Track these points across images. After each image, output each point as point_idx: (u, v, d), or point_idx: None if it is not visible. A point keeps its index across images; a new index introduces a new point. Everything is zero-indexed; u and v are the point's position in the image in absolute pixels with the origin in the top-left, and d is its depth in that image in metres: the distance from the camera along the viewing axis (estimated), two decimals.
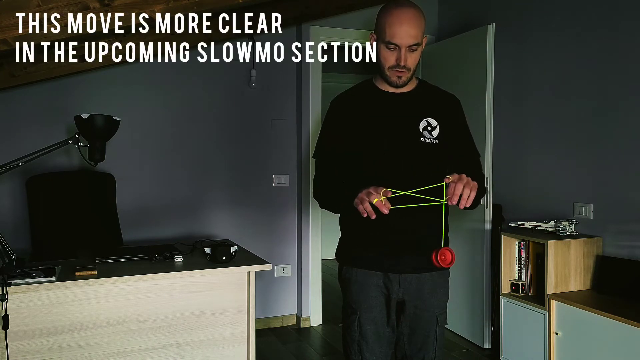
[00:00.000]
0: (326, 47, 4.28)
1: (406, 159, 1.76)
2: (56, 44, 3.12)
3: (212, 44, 3.86)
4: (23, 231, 3.47)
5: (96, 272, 2.28)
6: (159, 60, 3.77)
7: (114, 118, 2.27)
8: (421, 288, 1.80)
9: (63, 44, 3.14)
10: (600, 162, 3.02)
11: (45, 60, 3.20)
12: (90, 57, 3.31)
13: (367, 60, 6.43)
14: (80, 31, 2.10)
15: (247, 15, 3.58)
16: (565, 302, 2.83)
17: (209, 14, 3.39)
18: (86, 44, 3.26)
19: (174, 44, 3.50)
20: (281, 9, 3.69)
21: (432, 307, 1.81)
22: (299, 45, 4.10)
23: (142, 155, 3.78)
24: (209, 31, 3.54)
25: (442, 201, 1.55)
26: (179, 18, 2.87)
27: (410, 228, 1.74)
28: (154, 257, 2.56)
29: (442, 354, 1.88)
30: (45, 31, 2.01)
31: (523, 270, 3.24)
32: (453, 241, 1.98)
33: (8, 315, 2.08)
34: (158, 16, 2.17)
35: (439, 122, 1.78)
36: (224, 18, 3.51)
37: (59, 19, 2.00)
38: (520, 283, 3.21)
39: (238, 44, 3.96)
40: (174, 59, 3.81)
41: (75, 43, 3.19)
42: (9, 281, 2.08)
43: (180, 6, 2.19)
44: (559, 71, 3.28)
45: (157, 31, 3.38)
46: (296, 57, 4.14)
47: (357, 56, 5.78)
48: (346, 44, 4.27)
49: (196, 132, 3.91)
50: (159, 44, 3.44)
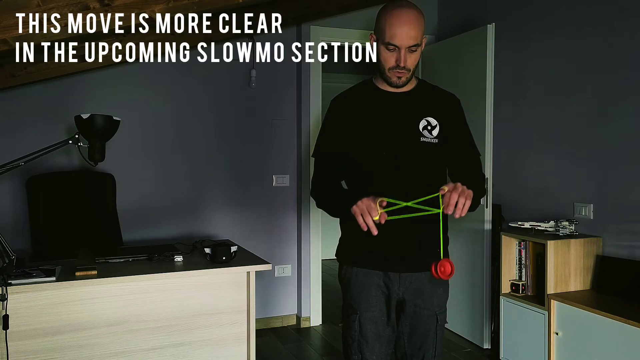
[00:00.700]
0: (326, 47, 4.27)
1: (406, 159, 1.76)
2: (56, 44, 3.12)
3: (212, 44, 3.86)
4: (23, 231, 3.47)
5: (96, 272, 2.28)
6: (159, 60, 3.77)
7: (114, 118, 2.28)
8: (421, 287, 1.80)
9: (63, 44, 3.14)
10: (600, 162, 3.02)
11: (45, 60, 3.20)
12: (90, 57, 3.31)
13: (367, 60, 6.43)
14: (80, 31, 2.10)
15: (247, 15, 3.58)
16: (565, 302, 2.83)
17: (209, 14, 3.39)
18: (86, 44, 3.26)
19: (174, 44, 3.50)
20: (281, 9, 3.69)
21: (432, 306, 1.81)
22: (299, 45, 4.10)
23: (142, 155, 3.78)
24: (209, 31, 3.54)
25: (438, 210, 1.56)
26: (179, 18, 2.87)
27: (410, 227, 1.74)
28: (154, 257, 2.56)
29: (442, 353, 1.88)
30: (45, 31, 2.01)
31: (523, 270, 3.24)
32: (453, 241, 1.98)
33: (8, 315, 2.09)
34: (158, 16, 2.17)
35: (439, 122, 1.79)
36: (224, 18, 3.51)
37: (59, 19, 2.00)
38: (520, 283, 3.21)
39: (238, 44, 3.96)
40: (174, 59, 3.81)
41: (75, 43, 3.19)
42: (9, 281, 2.08)
43: (180, 6, 2.18)
44: (559, 71, 3.28)
45: (157, 31, 3.38)
46: (296, 57, 4.14)
47: (357, 56, 5.79)
48: (346, 44, 4.27)
49: (196, 132, 3.91)
50: (159, 44, 3.45)
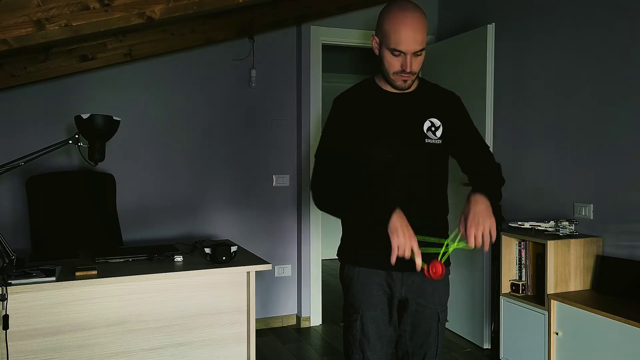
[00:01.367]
0: (326, 47, 4.27)
1: (411, 160, 1.76)
2: (56, 44, 3.12)
3: (212, 44, 3.86)
4: (23, 231, 3.47)
5: (96, 272, 2.28)
6: (159, 60, 3.77)
7: (114, 118, 2.27)
8: (423, 286, 1.81)
9: (63, 44, 3.14)
10: (600, 162, 3.02)
11: (45, 60, 3.21)
12: (90, 57, 3.31)
13: (368, 60, 6.43)
14: (80, 31, 2.10)
15: (247, 15, 3.59)
16: (565, 302, 2.83)
17: (209, 14, 3.39)
18: (86, 44, 3.27)
19: (174, 44, 3.50)
20: (281, 9, 3.69)
21: (434, 305, 1.82)
22: (299, 45, 4.10)
23: (142, 155, 3.78)
24: (209, 31, 3.54)
25: (463, 246, 1.63)
26: (179, 18, 2.87)
27: (413, 226, 1.74)
28: (154, 257, 2.56)
29: (443, 352, 1.89)
30: (45, 31, 2.01)
31: (523, 270, 3.24)
32: None
33: (8, 315, 2.09)
34: (158, 16, 2.17)
35: (442, 122, 1.79)
36: (224, 18, 3.51)
37: (59, 19, 2.00)
38: (520, 283, 3.21)
39: (238, 44, 3.96)
40: (174, 59, 3.81)
41: (75, 43, 3.20)
42: (9, 281, 2.08)
43: (180, 6, 2.19)
44: (559, 71, 3.28)
45: (157, 31, 3.39)
46: (296, 57, 4.14)
47: (357, 56, 5.78)
48: (346, 44, 4.27)
49: (196, 132, 3.91)
50: (159, 44, 3.45)
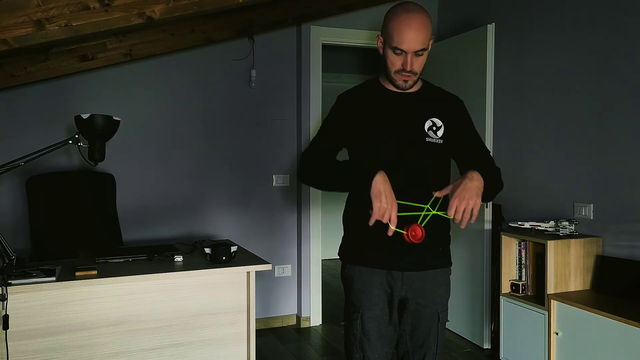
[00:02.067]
0: (326, 47, 4.27)
1: (411, 159, 1.77)
2: (56, 44, 3.12)
3: (212, 44, 3.86)
4: (23, 231, 3.47)
5: (96, 272, 2.28)
6: (159, 60, 3.77)
7: (114, 118, 2.27)
8: (424, 285, 1.81)
9: (63, 44, 3.14)
10: (600, 162, 3.02)
11: (45, 60, 3.21)
12: (90, 57, 3.31)
13: (368, 60, 6.44)
14: (80, 31, 2.10)
15: (247, 15, 3.59)
16: (565, 302, 2.83)
17: (209, 14, 3.39)
18: (86, 44, 3.27)
19: (174, 44, 3.50)
20: (281, 9, 3.69)
21: (434, 304, 1.83)
22: (299, 45, 4.10)
23: (142, 155, 3.78)
24: (209, 31, 3.54)
25: (434, 211, 1.63)
26: (179, 18, 2.87)
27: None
28: (154, 257, 2.56)
29: (443, 352, 1.89)
30: (45, 31, 2.01)
31: (523, 270, 3.24)
32: (453, 241, 1.98)
33: (8, 315, 2.09)
34: (158, 16, 2.17)
35: (444, 123, 1.80)
36: (224, 18, 3.51)
37: (59, 19, 2.01)
38: (520, 283, 3.21)
39: (238, 44, 3.96)
40: (174, 59, 3.81)
41: (75, 43, 3.20)
42: (9, 281, 2.08)
43: (180, 6, 2.19)
44: (559, 71, 3.28)
45: (157, 31, 3.38)
46: (296, 57, 4.14)
47: (358, 56, 5.79)
48: (346, 44, 4.27)
49: (196, 132, 3.91)
50: (159, 44, 3.45)
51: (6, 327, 2.07)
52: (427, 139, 1.77)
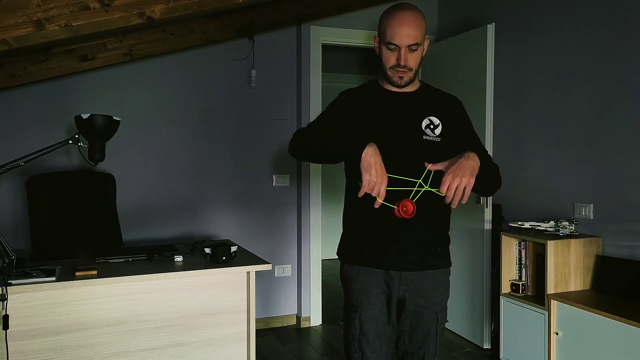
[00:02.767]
0: (326, 47, 4.28)
1: (408, 156, 1.77)
2: (56, 44, 3.12)
3: (212, 44, 3.86)
4: (23, 231, 3.47)
5: (96, 272, 2.28)
6: (159, 60, 3.77)
7: (114, 118, 2.27)
8: (422, 285, 1.81)
9: (63, 44, 3.14)
10: (600, 162, 3.02)
11: (45, 60, 3.21)
12: (90, 57, 3.31)
13: (368, 60, 6.44)
14: (80, 31, 2.10)
15: (247, 15, 3.59)
16: (565, 302, 2.83)
17: (209, 14, 3.39)
18: (86, 44, 3.27)
19: (174, 44, 3.50)
20: (281, 9, 3.69)
21: (433, 305, 1.82)
22: (299, 45, 4.10)
23: (142, 155, 3.78)
24: (209, 31, 3.54)
25: (427, 187, 1.62)
26: (179, 18, 2.87)
27: (412, 226, 1.75)
28: (154, 257, 2.56)
29: (443, 352, 1.88)
30: (45, 31, 2.01)
31: (523, 270, 3.24)
32: (453, 241, 1.98)
33: (8, 315, 2.09)
34: (158, 16, 2.17)
35: (442, 121, 1.81)
36: (224, 18, 3.51)
37: (59, 19, 2.01)
38: (520, 283, 3.21)
39: (238, 44, 3.96)
40: (174, 59, 3.81)
41: (75, 43, 3.20)
42: (9, 281, 2.08)
43: (180, 6, 2.19)
44: (559, 71, 3.28)
45: (157, 31, 3.38)
46: (296, 57, 4.14)
47: (358, 56, 5.78)
48: (346, 44, 4.27)
49: (196, 132, 3.91)
50: (159, 44, 3.45)
51: (6, 327, 2.07)
52: (425, 137, 1.78)
